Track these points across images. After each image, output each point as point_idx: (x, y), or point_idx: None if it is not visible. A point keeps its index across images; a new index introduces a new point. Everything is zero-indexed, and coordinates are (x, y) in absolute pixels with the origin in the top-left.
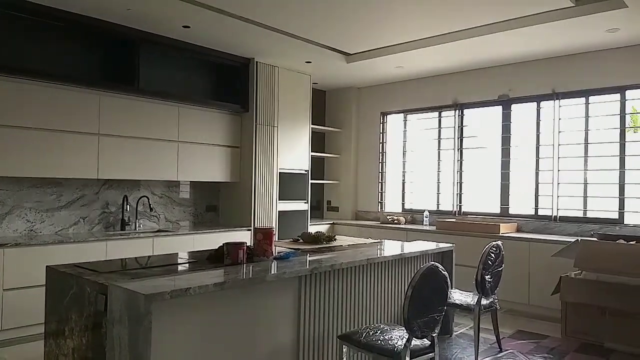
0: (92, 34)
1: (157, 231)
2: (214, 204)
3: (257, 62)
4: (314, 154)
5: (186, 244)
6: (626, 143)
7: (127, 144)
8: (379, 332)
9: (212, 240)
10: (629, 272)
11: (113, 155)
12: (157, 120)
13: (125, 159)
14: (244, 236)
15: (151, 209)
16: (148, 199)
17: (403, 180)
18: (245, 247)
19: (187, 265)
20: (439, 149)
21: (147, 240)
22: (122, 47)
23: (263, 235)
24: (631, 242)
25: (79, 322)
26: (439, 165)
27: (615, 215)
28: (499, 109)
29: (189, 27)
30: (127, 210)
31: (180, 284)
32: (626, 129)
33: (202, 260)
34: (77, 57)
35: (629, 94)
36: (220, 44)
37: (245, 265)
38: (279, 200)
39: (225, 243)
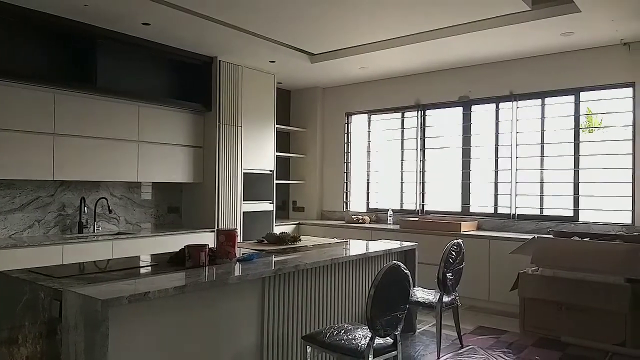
0: (48, 30)
1: (117, 234)
2: (176, 205)
3: (220, 60)
4: (279, 154)
5: (147, 247)
6: (580, 143)
7: (84, 144)
8: (343, 331)
9: (175, 242)
10: (583, 268)
11: (69, 156)
12: (116, 120)
13: (82, 159)
14: (208, 238)
15: (110, 211)
16: (107, 201)
17: (367, 180)
18: (207, 249)
19: (147, 268)
20: (402, 149)
21: (106, 243)
22: (79, 44)
23: (226, 237)
24: (585, 239)
25: (33, 329)
26: (402, 165)
27: (571, 213)
28: (459, 110)
29: (148, 24)
30: (84, 212)
31: (139, 288)
32: (580, 130)
33: (163, 263)
34: (31, 54)
35: (583, 95)
36: (182, 42)
37: (207, 267)
38: (243, 201)
39: (187, 245)
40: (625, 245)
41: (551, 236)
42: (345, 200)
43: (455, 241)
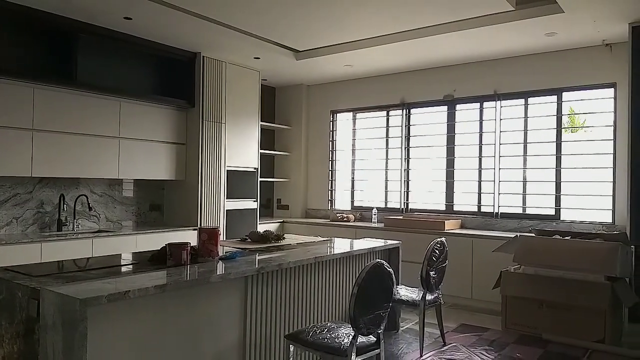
0: (27, 23)
1: (97, 232)
2: (158, 203)
3: (203, 56)
4: (263, 151)
5: (128, 245)
6: (562, 143)
7: (64, 140)
8: (326, 330)
9: (156, 240)
10: (564, 266)
11: (48, 152)
12: (97, 115)
13: (61, 155)
14: (190, 236)
15: (90, 209)
16: (87, 198)
17: (352, 178)
18: (189, 248)
19: (128, 267)
20: (387, 147)
21: (85, 241)
22: (59, 38)
23: (208, 235)
24: (566, 237)
25: (10, 329)
26: (387, 163)
27: (552, 212)
28: (444, 109)
29: (130, 18)
30: (64, 209)
31: (119, 287)
32: (562, 129)
33: (144, 262)
34: (9, 48)
35: (565, 95)
36: (165, 37)
37: (189, 266)
38: (227, 198)
39: (168, 244)
40: (606, 244)
41: (533, 235)
42: (330, 198)
43: (439, 239)
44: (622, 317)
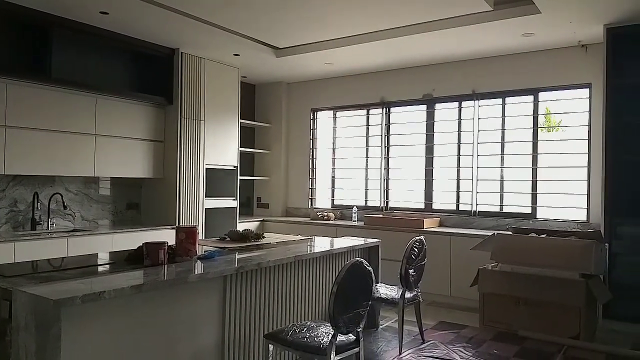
0: None
1: (72, 231)
2: (136, 201)
3: (182, 52)
4: (243, 149)
5: (105, 244)
6: (538, 142)
7: (38, 137)
8: (306, 329)
9: (134, 240)
10: (540, 264)
11: (22, 149)
12: (72, 112)
13: (35, 153)
14: (168, 235)
15: (65, 207)
16: (62, 196)
17: (333, 176)
18: (166, 247)
19: (103, 266)
20: (367, 146)
21: (60, 240)
22: (33, 32)
23: (186, 234)
24: (542, 235)
25: None
26: (367, 162)
27: (529, 210)
28: (423, 108)
29: (107, 13)
30: (37, 208)
31: (94, 287)
32: (539, 129)
33: (121, 261)
34: None
35: (541, 95)
36: (142, 32)
37: (166, 266)
38: (206, 197)
39: (145, 243)
40: (580, 242)
41: (510, 233)
42: (310, 196)
43: (418, 238)
44: (596, 314)
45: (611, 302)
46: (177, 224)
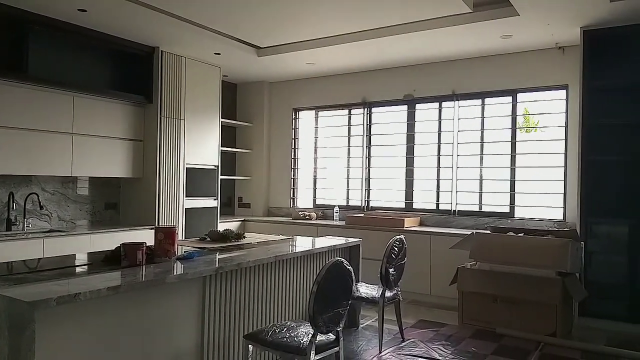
0: None
1: (49, 231)
2: (114, 201)
3: (162, 51)
4: (224, 148)
5: (82, 245)
6: (517, 142)
7: (13, 136)
8: (286, 329)
9: (112, 240)
10: (517, 262)
11: None
12: (49, 110)
13: (11, 152)
14: (148, 235)
15: (41, 207)
16: (38, 196)
17: (315, 176)
18: (144, 248)
19: (80, 268)
20: (348, 145)
21: (36, 241)
22: (10, 29)
23: (164, 235)
24: (520, 234)
25: None
26: (348, 161)
27: (507, 209)
28: (404, 108)
29: (85, 10)
30: (13, 208)
31: (69, 288)
32: (517, 129)
33: (98, 262)
34: None
35: (520, 96)
36: (121, 30)
37: (144, 267)
38: (186, 197)
39: (122, 243)
40: (557, 240)
41: (488, 232)
42: (292, 196)
43: (398, 237)
44: (572, 311)
45: (587, 300)
46: (156, 224)
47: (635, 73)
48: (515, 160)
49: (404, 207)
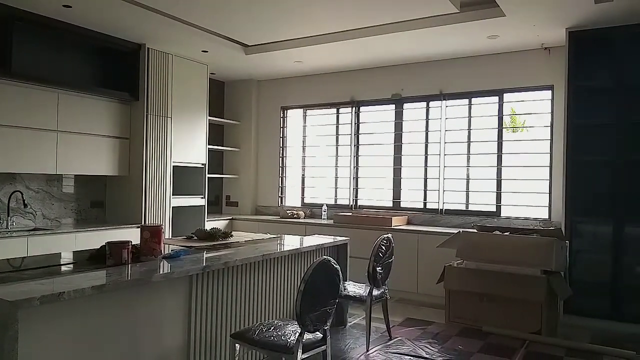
0: None
1: (33, 229)
2: (100, 199)
3: (148, 48)
4: (211, 147)
5: (67, 244)
6: (503, 142)
7: None
8: (273, 328)
9: (98, 239)
10: (503, 261)
11: None
12: (34, 107)
13: None
14: (134, 234)
15: (25, 206)
16: (22, 194)
17: (303, 174)
18: (130, 247)
19: (65, 267)
20: (337, 144)
21: (20, 240)
22: None
23: (150, 233)
24: (506, 233)
25: None
26: (337, 160)
27: (494, 208)
28: (392, 108)
29: (70, 6)
30: None
31: (53, 288)
32: (504, 129)
33: (83, 261)
34: None
35: (506, 96)
36: (107, 27)
37: (130, 265)
38: (173, 195)
39: (108, 242)
40: (542, 239)
41: (475, 230)
42: (280, 195)
43: (385, 236)
44: (557, 309)
45: (571, 298)
46: (142, 223)
47: (619, 73)
48: (501, 160)
49: (391, 206)
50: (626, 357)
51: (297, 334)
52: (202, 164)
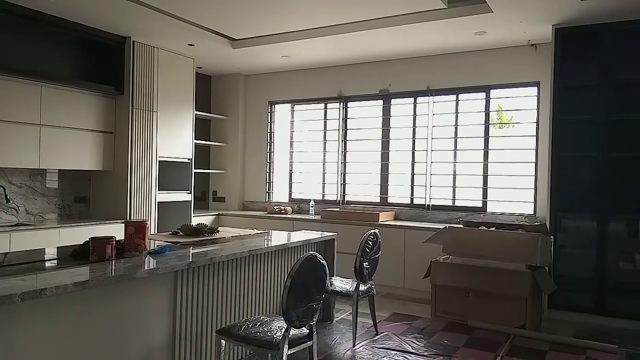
0: None
1: (16, 225)
2: (84, 194)
3: (133, 41)
4: (198, 141)
5: (51, 239)
6: (490, 138)
7: None
8: (259, 324)
9: (82, 234)
10: (489, 256)
11: None
12: (15, 101)
13: None
14: (119, 230)
15: (8, 201)
16: (4, 189)
17: (290, 170)
18: (114, 242)
19: (48, 263)
20: (324, 140)
21: (3, 235)
22: None
23: (135, 229)
24: (492, 229)
25: None
26: (324, 156)
27: (480, 204)
28: (380, 103)
29: None
30: None
31: (35, 284)
32: (490, 125)
33: (66, 257)
34: None
35: (493, 93)
36: (91, 19)
37: (114, 261)
38: (159, 190)
39: (91, 238)
40: (527, 235)
41: (461, 226)
42: (267, 190)
43: (372, 231)
44: (541, 304)
45: (556, 293)
46: (127, 218)
47: (605, 70)
48: (488, 156)
49: (379, 201)
50: (609, 351)
51: (284, 329)
52: (189, 159)
